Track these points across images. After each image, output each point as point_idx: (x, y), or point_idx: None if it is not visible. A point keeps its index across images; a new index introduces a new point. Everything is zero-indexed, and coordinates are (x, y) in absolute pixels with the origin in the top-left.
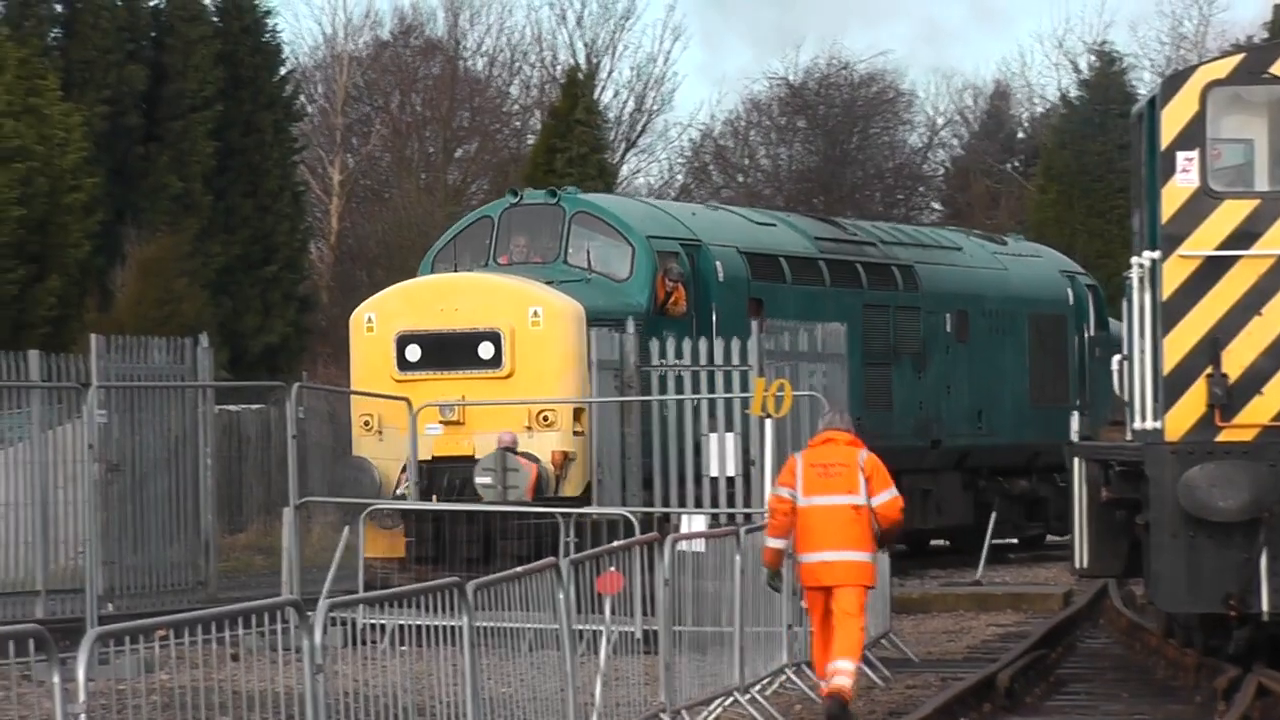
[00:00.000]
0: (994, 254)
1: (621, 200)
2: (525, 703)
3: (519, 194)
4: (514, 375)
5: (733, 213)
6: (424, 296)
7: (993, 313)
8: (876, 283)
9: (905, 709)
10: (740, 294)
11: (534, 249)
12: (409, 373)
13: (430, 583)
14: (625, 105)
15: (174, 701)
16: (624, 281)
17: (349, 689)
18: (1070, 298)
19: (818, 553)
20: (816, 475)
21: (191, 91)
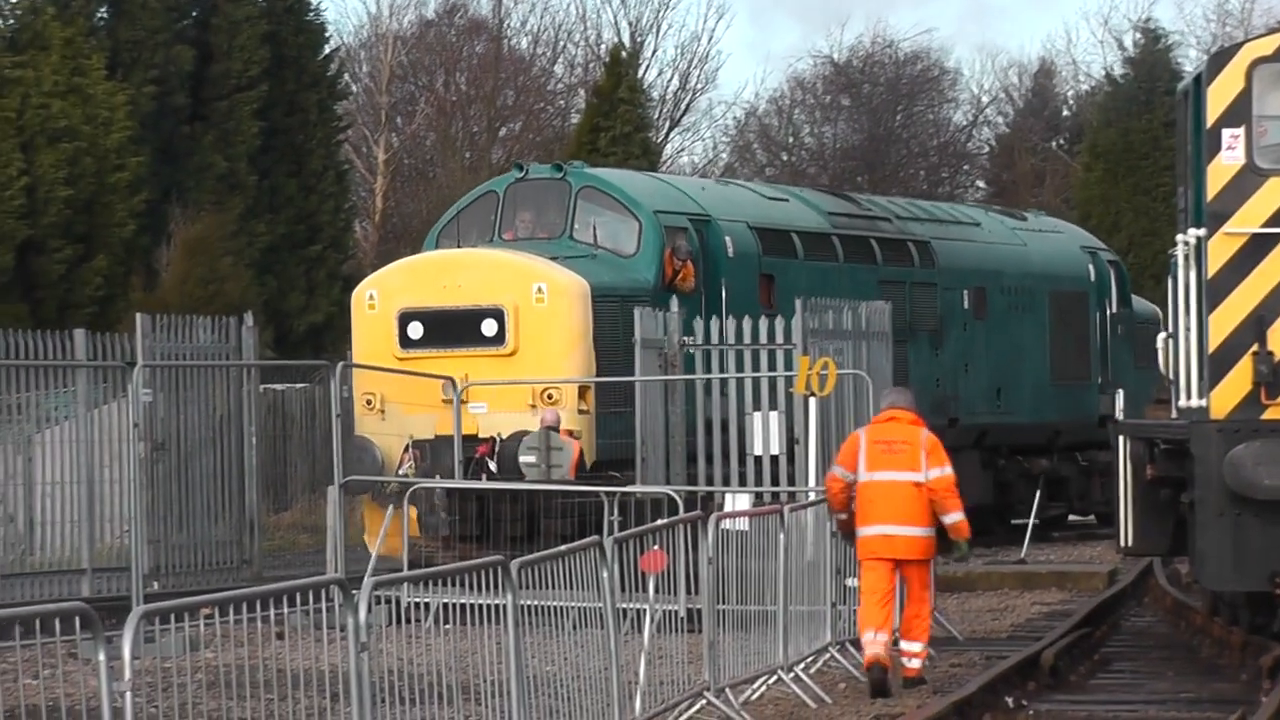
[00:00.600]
0: (1013, 229)
1: (629, 175)
2: (569, 681)
3: (524, 168)
4: (518, 353)
5: (743, 187)
6: (426, 273)
7: (1012, 289)
8: (892, 258)
9: (949, 687)
10: (751, 270)
11: (540, 224)
12: (411, 350)
13: (474, 561)
14: (669, 84)
15: (219, 680)
16: (631, 257)
17: (393, 667)
18: (1092, 274)
19: (878, 526)
20: (880, 452)
21: (236, 71)
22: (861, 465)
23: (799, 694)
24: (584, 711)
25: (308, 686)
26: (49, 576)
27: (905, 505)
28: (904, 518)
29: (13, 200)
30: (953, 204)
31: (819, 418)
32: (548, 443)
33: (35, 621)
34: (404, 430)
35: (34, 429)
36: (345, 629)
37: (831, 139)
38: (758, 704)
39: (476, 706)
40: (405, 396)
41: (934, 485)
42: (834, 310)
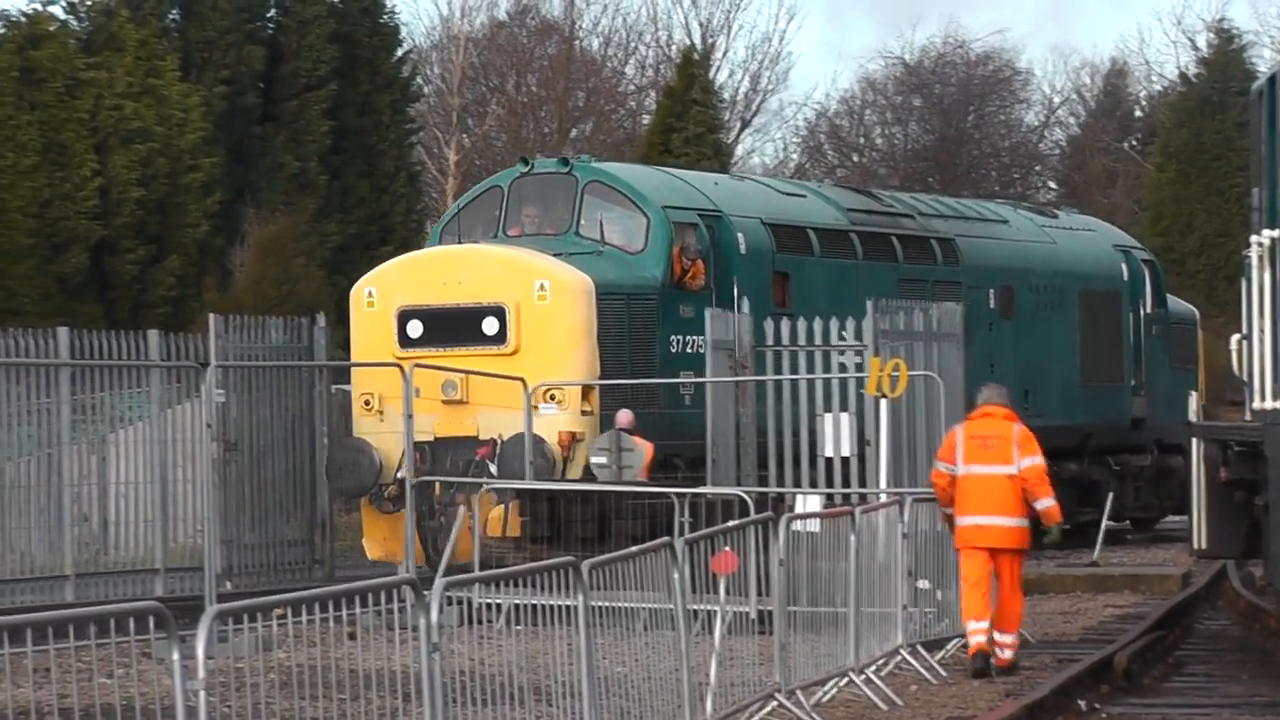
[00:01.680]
0: (1042, 227)
1: (637, 169)
2: (640, 682)
3: (530, 163)
4: (519, 352)
5: (758, 183)
6: (426, 270)
7: (1040, 288)
8: (913, 256)
9: (1022, 690)
10: (764, 267)
11: (545, 220)
12: (410, 349)
13: (545, 562)
14: (740, 85)
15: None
16: (638, 254)
17: (465, 668)
18: (1125, 273)
19: (974, 516)
20: (976, 446)
21: (306, 70)
22: (959, 459)
23: (870, 696)
24: (655, 712)
25: (379, 687)
26: (123, 576)
27: (999, 497)
28: (997, 509)
29: (87, 201)
30: (979, 201)
31: (890, 419)
32: (619, 444)
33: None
34: (402, 431)
35: (108, 429)
36: (417, 629)
37: (903, 140)
38: (829, 706)
39: (548, 707)
40: (404, 396)
41: (1025, 474)
42: (905, 311)
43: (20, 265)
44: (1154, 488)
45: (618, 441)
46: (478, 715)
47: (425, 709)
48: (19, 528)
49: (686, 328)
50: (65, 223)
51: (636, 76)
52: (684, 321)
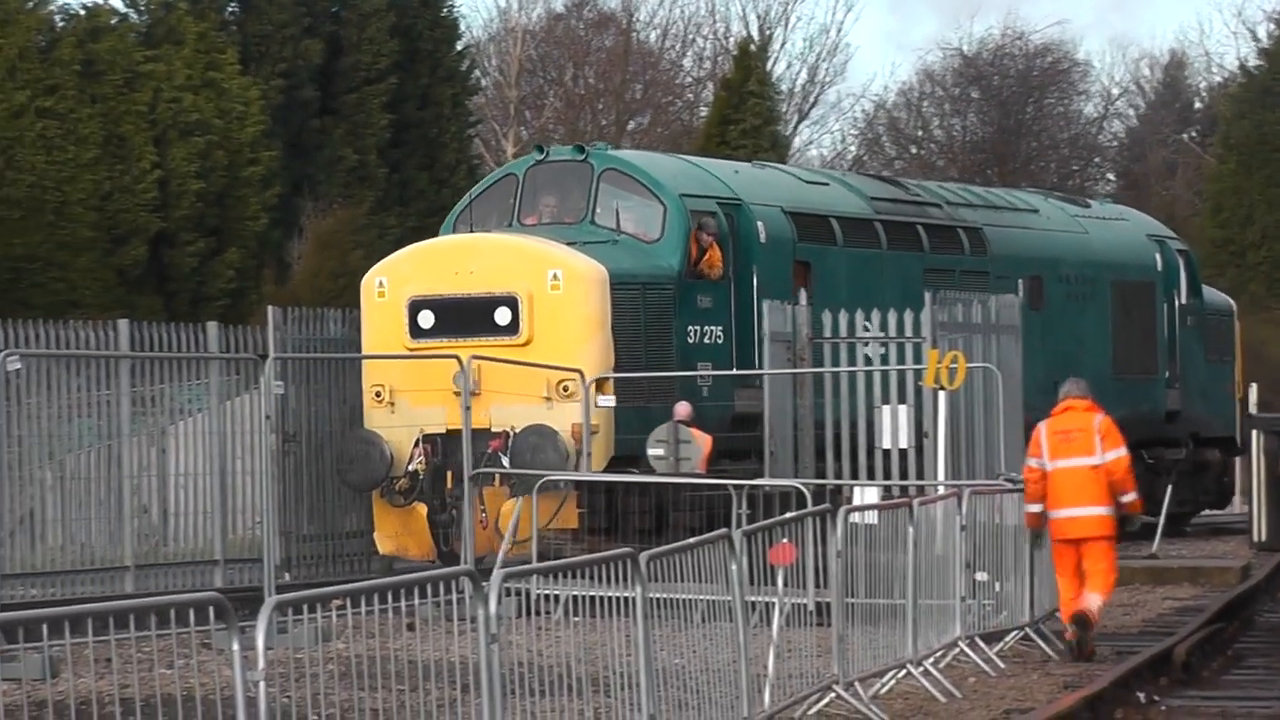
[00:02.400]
0: (1074, 217)
1: (654, 157)
2: (698, 674)
3: (545, 150)
4: (532, 342)
5: (781, 171)
6: (437, 259)
7: (1071, 278)
8: (940, 245)
9: (1081, 682)
10: (785, 256)
11: (561, 209)
12: (422, 340)
13: (603, 554)
14: (798, 76)
15: (350, 670)
16: (654, 243)
17: (523, 659)
18: (1159, 264)
19: (1065, 509)
20: (1059, 441)
21: (366, 64)
22: (1045, 455)
23: (928, 688)
24: (712, 704)
25: (438, 678)
26: (183, 568)
27: (1084, 488)
28: (1084, 499)
29: (146, 193)
30: (1009, 190)
31: (948, 411)
32: (677, 436)
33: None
34: (414, 423)
35: (168, 421)
36: (476, 620)
37: (961, 132)
38: (887, 698)
39: (605, 699)
40: (415, 387)
41: (1111, 468)
42: (963, 303)
43: (81, 257)
44: (1189, 482)
45: (675, 433)
46: (535, 706)
47: (483, 700)
48: (79, 519)
49: (704, 318)
50: (125, 215)
51: (694, 69)
52: (702, 311)
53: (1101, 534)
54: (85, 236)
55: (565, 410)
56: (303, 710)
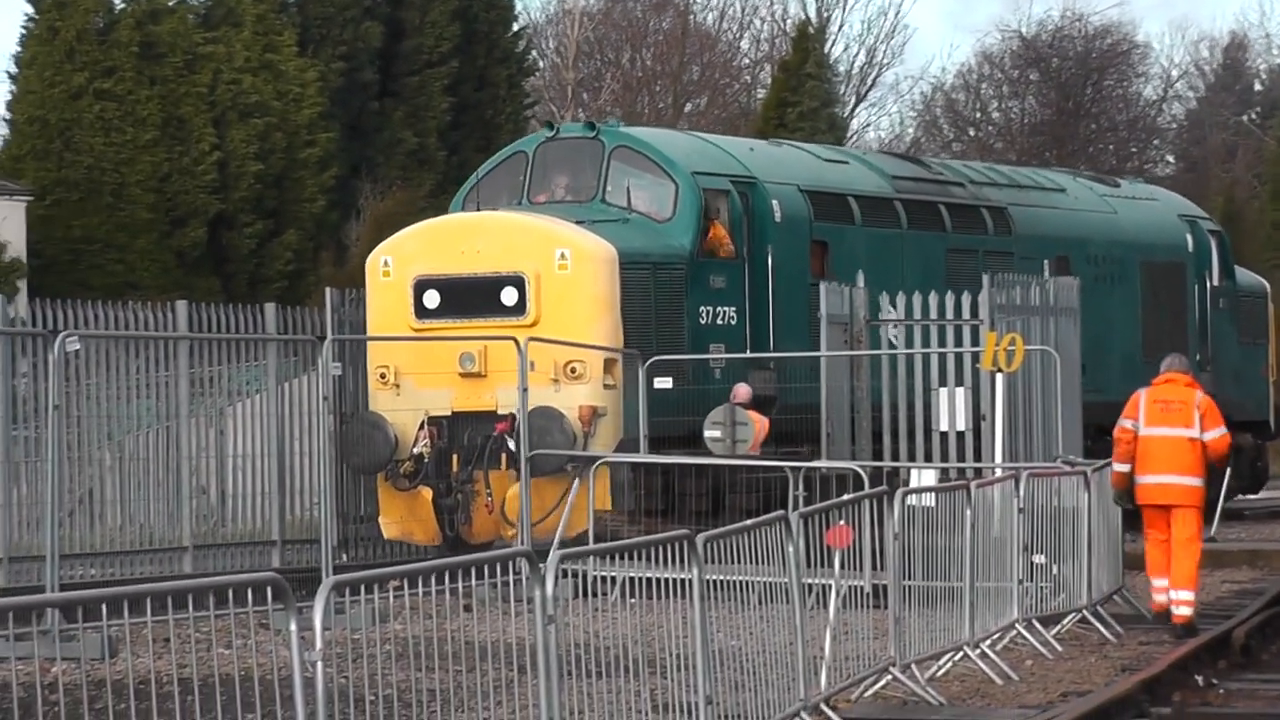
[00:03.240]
0: (1102, 196)
1: (666, 134)
2: (754, 656)
3: (556, 127)
4: (539, 323)
5: (798, 148)
6: (443, 238)
7: (1098, 259)
8: (962, 225)
9: (1138, 665)
10: (801, 236)
11: (571, 187)
12: (427, 320)
13: (660, 535)
14: (855, 58)
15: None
16: (666, 222)
17: (579, 640)
18: (1189, 244)
19: (1156, 475)
20: (1158, 410)
21: (427, 47)
22: (1140, 421)
23: (985, 670)
24: (769, 686)
25: (495, 658)
26: (241, 548)
27: (1179, 458)
28: (1177, 468)
29: (204, 175)
30: (1036, 169)
31: (1006, 394)
32: (733, 418)
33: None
34: (419, 406)
35: (226, 402)
36: (532, 601)
37: (1019, 114)
38: (944, 680)
39: (662, 680)
40: (420, 369)
41: (1213, 445)
42: (1021, 285)
43: (140, 239)
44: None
45: (732, 415)
46: (592, 687)
47: (540, 681)
48: (138, 500)
49: (717, 298)
50: (184, 197)
51: (751, 51)
52: (715, 292)
53: (1191, 503)
54: (143, 218)
55: (573, 392)
56: (360, 691)
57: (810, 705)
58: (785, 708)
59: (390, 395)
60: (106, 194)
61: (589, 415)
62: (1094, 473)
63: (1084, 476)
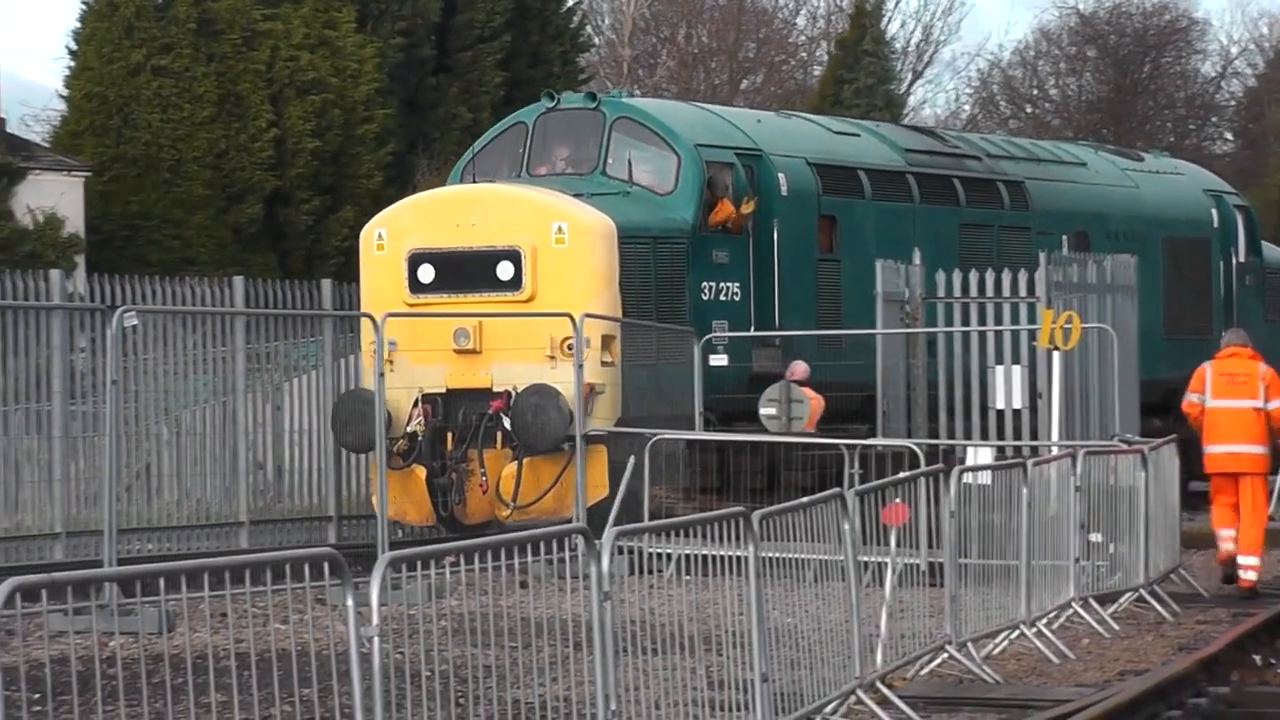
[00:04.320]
0: (1124, 170)
1: (669, 105)
2: (809, 633)
3: (556, 97)
4: (535, 298)
5: (807, 120)
6: (438, 211)
7: (1119, 234)
8: (977, 200)
9: (1195, 644)
10: (808, 210)
11: (572, 159)
12: (421, 295)
13: (716, 512)
14: (912, 35)
15: (463, 627)
16: (668, 195)
17: (635, 616)
18: (1215, 219)
19: (1223, 444)
20: (1224, 383)
21: (480, 22)
22: (1208, 393)
23: (1041, 649)
24: (824, 663)
25: (550, 635)
26: (297, 524)
27: (1245, 427)
28: (1244, 438)
29: (261, 152)
30: (1057, 143)
31: (1062, 372)
32: (789, 394)
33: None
34: (413, 383)
35: (282, 378)
36: (588, 578)
37: (1076, 91)
38: (1000, 658)
39: (717, 657)
40: (415, 345)
41: (1276, 415)
42: (1079, 263)
43: (197, 215)
44: None
45: (787, 392)
46: (647, 664)
47: (595, 657)
48: (195, 475)
49: (721, 274)
50: (241, 173)
51: (808, 28)
52: (718, 267)
53: (1258, 470)
54: (200, 194)
55: (569, 369)
56: (415, 666)
57: (866, 683)
58: (841, 685)
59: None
60: (164, 170)
61: (587, 393)
62: (1151, 451)
63: (1141, 455)
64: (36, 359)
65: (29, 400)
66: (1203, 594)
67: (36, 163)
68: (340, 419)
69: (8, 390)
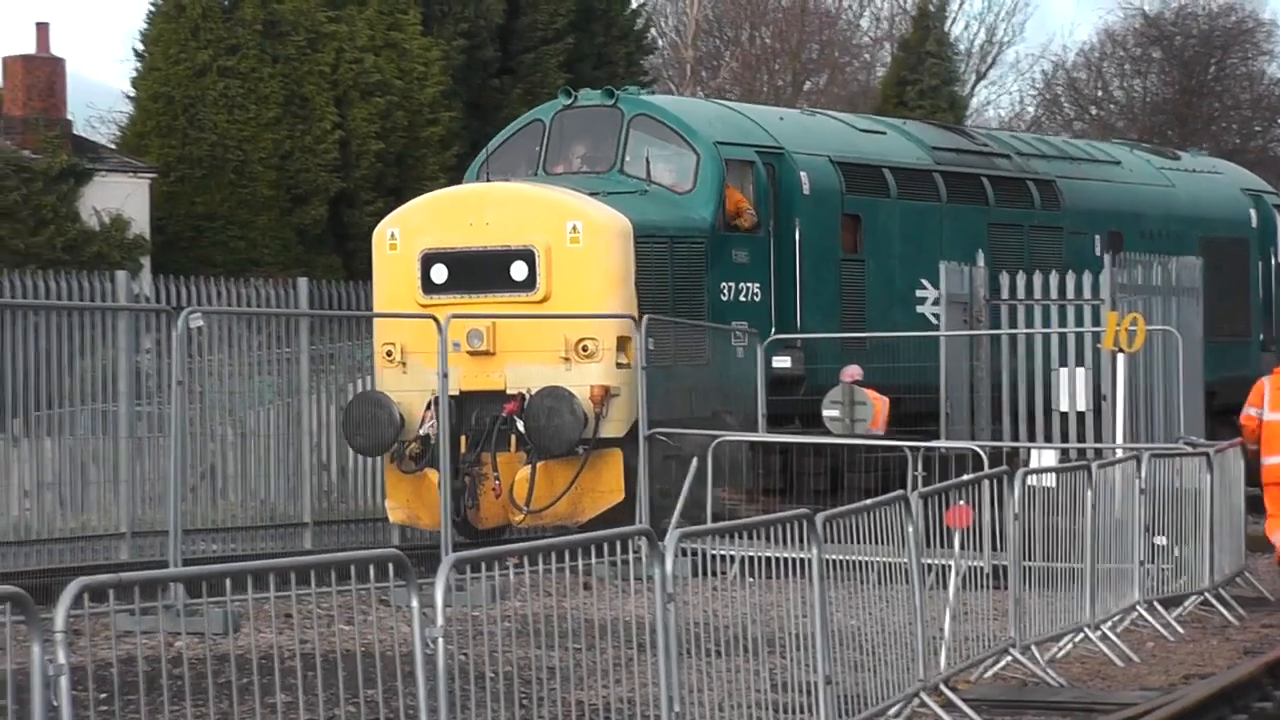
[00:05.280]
0: (1160, 169)
1: (689, 102)
2: (873, 635)
3: (573, 95)
4: (550, 299)
5: (832, 118)
6: (451, 210)
7: (1154, 234)
8: (1007, 199)
9: (1261, 648)
10: (831, 209)
11: (589, 157)
12: (434, 296)
13: (779, 514)
14: (975, 37)
15: (527, 628)
16: (686, 194)
17: (698, 618)
18: (1253, 219)
19: (1276, 457)
20: (1279, 395)
21: (543, 23)
22: (1265, 406)
23: (1106, 652)
24: (888, 666)
25: (614, 636)
26: (360, 525)
27: None
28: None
29: (326, 154)
30: (1092, 141)
31: (1127, 374)
32: (851, 397)
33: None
34: (425, 385)
35: (346, 378)
36: (651, 579)
37: (1141, 93)
38: (1064, 662)
39: (780, 659)
40: (427, 347)
41: None
42: (1143, 265)
43: (261, 216)
44: None
45: (850, 395)
46: (711, 666)
47: (659, 659)
48: (259, 476)
49: (740, 274)
50: (305, 175)
51: (871, 29)
52: (737, 267)
53: None
54: (265, 195)
55: (584, 371)
56: (480, 667)
57: (929, 686)
58: (904, 688)
59: (396, 373)
60: (229, 171)
61: (601, 395)
62: (1216, 454)
63: (1206, 458)
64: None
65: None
66: (1268, 597)
67: (103, 164)
68: (352, 422)
69: (74, 391)
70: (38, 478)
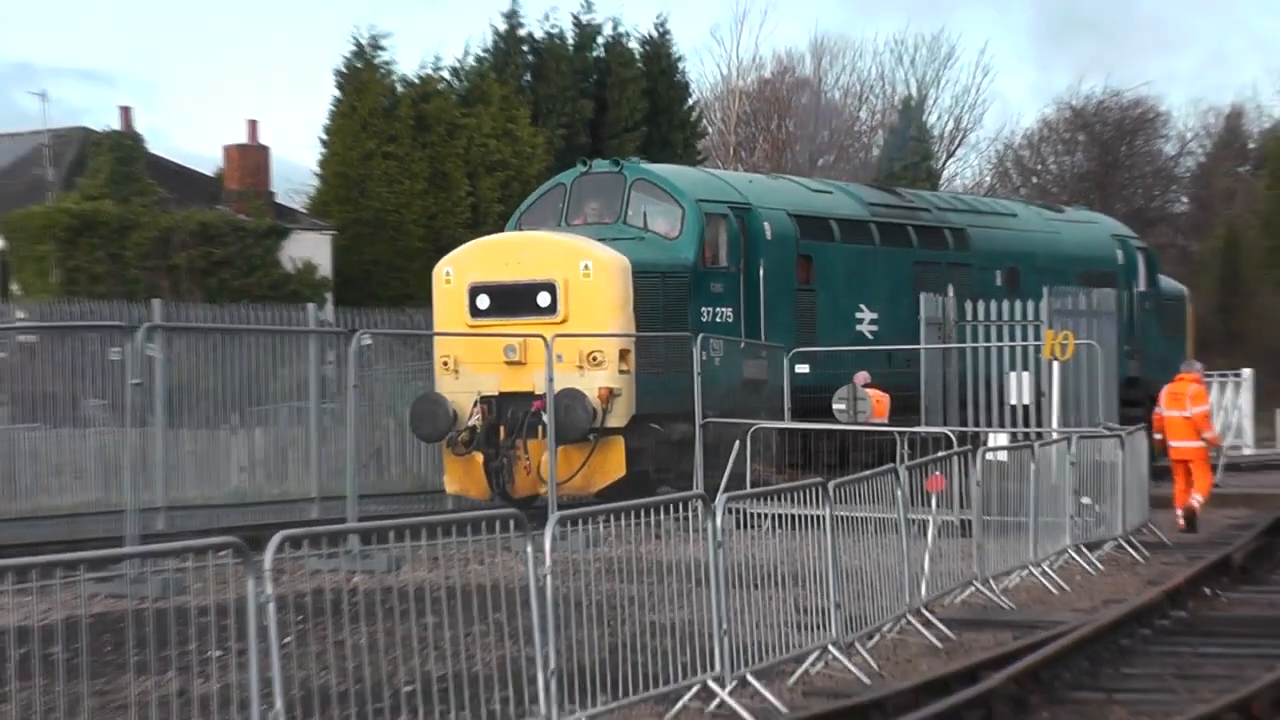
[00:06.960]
0: (1048, 220)
1: (676, 169)
2: (872, 572)
3: (588, 164)
4: (568, 321)
5: (791, 181)
6: (492, 252)
7: (1043, 270)
8: (927, 243)
9: (1161, 579)
10: (789, 251)
11: (600, 212)
12: (479, 319)
13: (800, 482)
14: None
15: (613, 568)
16: (674, 239)
17: (740, 560)
18: (1120, 258)
19: (1175, 441)
20: (1171, 398)
21: (624, 118)
22: (1162, 405)
23: (1044, 583)
24: (883, 594)
25: (677, 573)
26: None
27: (1183, 429)
28: (1183, 436)
29: (461, 215)
30: (993, 198)
31: (1060, 376)
32: (855, 394)
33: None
34: (474, 388)
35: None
36: (705, 531)
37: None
38: (1013, 590)
39: (802, 590)
40: (474, 358)
41: (1195, 418)
42: (1072, 295)
43: (414, 263)
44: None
45: (854, 392)
46: (750, 596)
47: (712, 590)
48: (414, 455)
49: (716, 301)
50: (446, 231)
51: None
52: (714, 296)
53: (1197, 456)
54: (416, 247)
55: (594, 376)
56: (578, 597)
57: (913, 609)
58: (894, 611)
59: (451, 379)
60: (389, 229)
61: (606, 395)
62: (1128, 435)
63: (1120, 438)
64: (297, 370)
65: (292, 400)
66: (1166, 542)
67: (297, 224)
68: (415, 416)
69: (277, 393)
70: (251, 457)
